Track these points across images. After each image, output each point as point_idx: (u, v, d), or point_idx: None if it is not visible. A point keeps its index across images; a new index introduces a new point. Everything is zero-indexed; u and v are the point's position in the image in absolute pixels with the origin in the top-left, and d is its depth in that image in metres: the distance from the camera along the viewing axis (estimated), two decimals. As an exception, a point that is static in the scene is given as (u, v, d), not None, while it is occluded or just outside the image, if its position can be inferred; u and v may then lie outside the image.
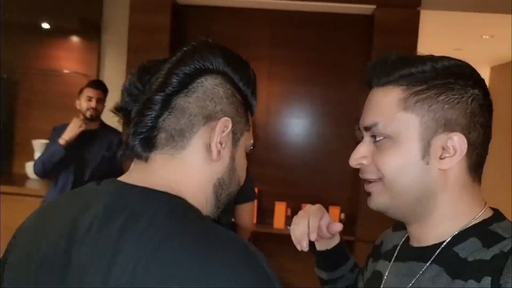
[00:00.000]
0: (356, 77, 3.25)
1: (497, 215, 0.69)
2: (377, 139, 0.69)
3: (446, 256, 0.66)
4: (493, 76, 5.14)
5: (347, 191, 3.29)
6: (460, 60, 0.69)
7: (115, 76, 3.36)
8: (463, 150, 0.65)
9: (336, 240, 0.97)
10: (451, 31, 3.48)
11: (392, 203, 0.69)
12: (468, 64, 0.69)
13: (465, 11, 2.96)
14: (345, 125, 3.32)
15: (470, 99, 0.65)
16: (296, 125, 3.36)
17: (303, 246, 0.87)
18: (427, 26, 3.08)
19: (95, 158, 2.94)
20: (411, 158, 0.66)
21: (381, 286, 0.75)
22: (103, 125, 3.02)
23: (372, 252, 0.89)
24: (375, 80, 0.71)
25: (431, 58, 0.68)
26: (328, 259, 0.98)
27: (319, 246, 0.97)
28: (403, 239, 0.76)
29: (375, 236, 2.98)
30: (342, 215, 3.19)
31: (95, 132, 2.95)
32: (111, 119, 3.16)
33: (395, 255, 0.75)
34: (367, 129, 0.70)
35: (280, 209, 3.24)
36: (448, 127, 0.65)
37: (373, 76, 0.71)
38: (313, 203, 0.94)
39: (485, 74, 5.23)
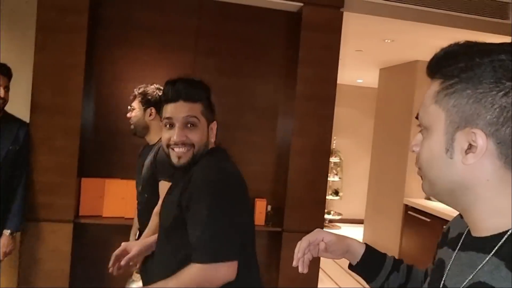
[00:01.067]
0: (281, 71, 3.34)
1: None
2: (422, 128, 0.73)
3: (506, 249, 0.64)
4: (381, 77, 5.70)
5: (271, 183, 3.36)
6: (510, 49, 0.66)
7: (15, 59, 2.93)
8: (482, 148, 0.64)
9: (361, 250, 1.05)
10: (357, 32, 3.76)
11: (433, 191, 0.72)
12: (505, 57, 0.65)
13: (381, 16, 3.22)
14: (268, 118, 3.38)
15: (502, 93, 0.63)
16: (220, 116, 3.30)
17: (300, 269, 1.01)
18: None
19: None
20: (436, 151, 0.69)
21: (444, 275, 0.75)
22: (6, 114, 2.63)
23: (440, 240, 0.88)
24: (431, 75, 0.73)
25: (483, 52, 0.65)
26: (364, 270, 1.05)
27: (352, 262, 1.06)
28: (467, 229, 0.76)
29: (301, 226, 3.12)
30: (269, 207, 3.25)
31: (-4, 123, 2.55)
32: (13, 107, 2.81)
33: (459, 244, 0.76)
34: (417, 119, 0.74)
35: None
36: (471, 122, 0.65)
37: (430, 70, 0.73)
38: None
39: (375, 75, 5.77)
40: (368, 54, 4.65)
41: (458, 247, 0.75)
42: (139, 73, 3.15)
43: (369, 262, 1.04)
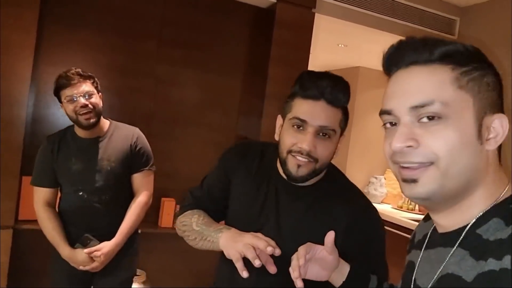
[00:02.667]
0: (248, 68, 3.20)
1: None
2: (428, 119, 0.65)
3: (470, 239, 0.65)
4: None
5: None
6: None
7: None
8: (505, 131, 0.66)
9: (346, 268, 1.02)
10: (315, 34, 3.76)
11: (442, 189, 0.66)
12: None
13: (348, 21, 3.24)
14: (232, 116, 3.23)
15: (499, 82, 0.69)
16: (183, 112, 3.08)
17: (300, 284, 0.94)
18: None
19: None
20: (467, 138, 0.64)
21: (414, 274, 0.75)
22: None
23: (408, 247, 0.88)
24: (413, 58, 0.68)
25: (454, 41, 0.68)
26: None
27: (336, 283, 1.02)
28: (431, 228, 0.76)
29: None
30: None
31: None
32: None
33: (425, 243, 0.76)
34: (414, 109, 0.66)
35: (169, 206, 2.93)
36: (494, 108, 0.67)
37: (409, 53, 0.68)
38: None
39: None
40: (317, 57, 4.69)
41: (425, 245, 0.75)
42: (94, 59, 2.79)
43: (356, 280, 1.01)
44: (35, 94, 2.64)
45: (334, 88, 1.13)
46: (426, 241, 0.76)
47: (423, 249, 0.75)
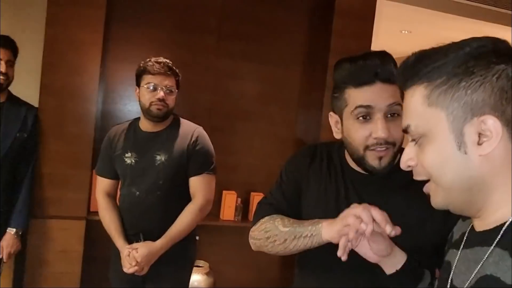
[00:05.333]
0: (307, 59, 3.15)
1: None
2: (415, 139, 0.70)
3: (508, 238, 0.63)
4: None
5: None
6: (484, 38, 0.66)
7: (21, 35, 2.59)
8: (498, 132, 0.62)
9: (402, 258, 0.95)
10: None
11: (449, 200, 0.69)
12: (493, 39, 0.66)
13: (414, 5, 3.08)
14: (291, 109, 3.19)
15: (495, 76, 0.63)
16: (242, 106, 3.09)
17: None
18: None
19: (4, 140, 2.22)
20: (447, 151, 0.65)
21: (451, 274, 0.74)
22: (11, 97, 2.31)
23: (446, 247, 0.87)
24: (402, 85, 0.72)
25: (455, 47, 0.66)
26: (403, 281, 0.95)
27: (388, 270, 0.95)
28: (469, 227, 0.75)
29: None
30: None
31: (1, 106, 2.23)
32: (20, 89, 2.48)
33: (463, 242, 0.75)
34: (405, 131, 0.72)
35: (230, 199, 2.96)
36: (477, 111, 0.63)
37: (400, 81, 0.73)
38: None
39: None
40: (379, 45, 4.52)
41: (462, 245, 0.74)
42: (157, 55, 2.86)
43: (410, 271, 0.96)
44: (103, 90, 2.77)
45: (384, 65, 1.05)
46: (464, 240, 0.74)
47: (461, 249, 0.74)
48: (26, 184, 2.30)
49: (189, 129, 1.99)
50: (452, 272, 0.74)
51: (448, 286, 0.74)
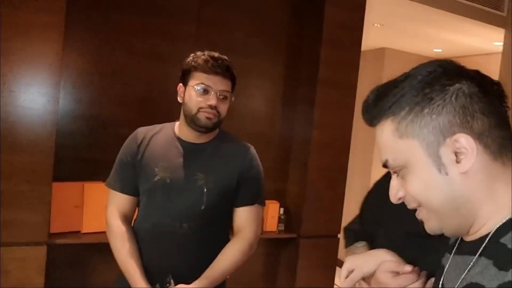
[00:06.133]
0: (293, 51, 2.87)
1: None
2: (397, 171, 0.72)
3: (493, 248, 0.65)
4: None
5: (283, 182, 2.89)
6: (431, 63, 0.68)
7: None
8: (472, 147, 0.64)
9: None
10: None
11: (442, 223, 0.70)
12: (440, 62, 0.68)
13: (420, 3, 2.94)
14: (277, 105, 2.90)
15: (454, 96, 0.65)
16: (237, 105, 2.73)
17: None
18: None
19: None
20: (429, 176, 0.67)
21: (442, 277, 0.76)
22: None
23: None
24: (369, 123, 0.74)
25: (407, 78, 0.69)
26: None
27: None
28: None
29: (318, 231, 2.75)
30: (281, 211, 2.79)
31: None
32: None
33: (455, 248, 0.77)
34: (384, 166, 0.73)
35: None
36: (447, 132, 0.65)
37: (366, 120, 0.74)
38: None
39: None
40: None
41: (454, 251, 0.76)
42: (128, 44, 2.43)
43: None
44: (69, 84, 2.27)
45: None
46: (456, 246, 0.77)
47: (452, 254, 0.76)
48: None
49: (240, 147, 1.60)
50: (443, 275, 0.76)
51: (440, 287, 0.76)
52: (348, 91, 2.78)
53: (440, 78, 0.66)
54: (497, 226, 0.66)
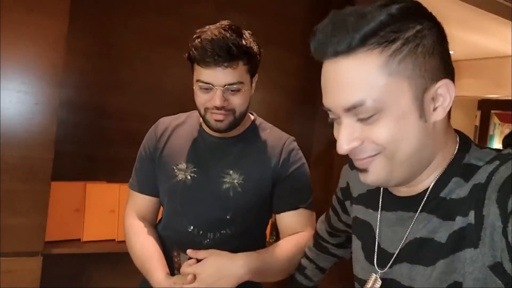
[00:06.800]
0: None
1: (463, 144, 0.68)
2: (365, 117, 0.61)
3: (434, 203, 0.65)
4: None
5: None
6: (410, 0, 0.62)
7: None
8: (452, 95, 0.62)
9: None
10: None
11: (394, 174, 0.65)
12: (417, 2, 0.63)
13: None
14: (306, 102, 2.64)
15: (440, 38, 0.62)
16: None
17: None
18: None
19: None
20: (410, 121, 0.61)
21: (376, 237, 0.73)
22: None
23: (343, 195, 0.90)
24: (332, 50, 0.61)
25: (382, 5, 0.59)
26: None
27: None
28: (376, 187, 0.76)
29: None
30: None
31: None
32: None
33: (380, 205, 0.74)
34: (348, 110, 0.62)
35: None
36: (435, 76, 0.62)
37: (325, 46, 0.61)
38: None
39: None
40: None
41: (380, 207, 0.74)
42: (139, 25, 2.15)
43: None
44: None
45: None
46: (381, 202, 0.74)
47: (380, 211, 0.74)
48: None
49: (277, 139, 1.29)
50: (377, 235, 0.73)
51: (376, 250, 0.73)
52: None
53: (423, 16, 0.61)
54: (436, 178, 0.65)
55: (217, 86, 1.13)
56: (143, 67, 2.19)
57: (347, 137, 0.63)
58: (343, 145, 0.64)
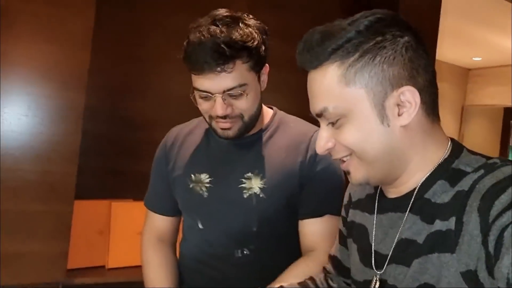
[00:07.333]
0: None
1: (455, 148, 0.69)
2: (333, 121, 0.68)
3: (419, 204, 0.67)
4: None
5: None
6: (379, 11, 0.66)
7: None
8: (417, 101, 0.65)
9: None
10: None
11: (370, 173, 0.69)
12: (389, 12, 0.67)
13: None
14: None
15: (404, 48, 0.65)
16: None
17: None
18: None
19: None
20: (371, 127, 0.65)
21: (372, 240, 0.75)
22: None
23: (346, 203, 0.89)
24: (308, 64, 0.68)
25: (353, 22, 0.65)
26: None
27: None
28: (374, 191, 0.78)
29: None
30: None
31: None
32: None
33: (376, 208, 0.76)
34: (319, 115, 0.69)
35: None
36: (395, 84, 0.64)
37: (304, 60, 0.68)
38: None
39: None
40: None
41: (376, 211, 0.76)
42: (169, 23, 1.93)
43: None
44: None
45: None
46: (376, 206, 0.76)
47: (375, 214, 0.76)
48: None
49: (301, 134, 1.10)
50: (372, 238, 0.75)
51: (373, 252, 0.74)
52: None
53: (391, 28, 0.65)
54: (421, 182, 0.68)
55: (216, 94, 0.96)
56: (174, 71, 1.97)
57: (323, 139, 0.70)
58: (318, 147, 0.70)
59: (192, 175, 1.10)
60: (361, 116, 0.65)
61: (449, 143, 0.70)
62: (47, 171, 1.48)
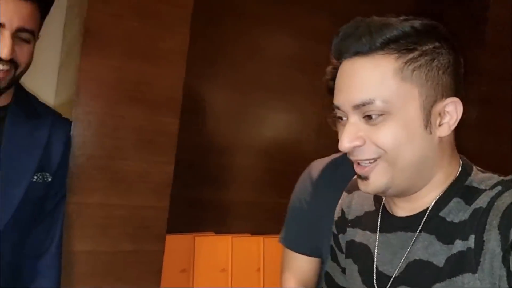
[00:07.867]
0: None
1: (466, 166, 0.68)
2: (371, 116, 0.63)
3: (434, 223, 0.65)
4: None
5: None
6: (429, 19, 0.65)
7: None
8: (459, 115, 0.64)
9: None
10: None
11: (395, 181, 0.65)
12: (438, 23, 0.66)
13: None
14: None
15: (456, 60, 0.65)
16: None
17: None
18: None
19: (8, 192, 1.03)
20: (414, 129, 0.63)
21: (375, 260, 0.71)
22: (23, 100, 1.12)
23: (338, 227, 0.85)
24: (356, 49, 0.64)
25: (406, 19, 0.64)
26: None
27: None
28: (380, 208, 0.74)
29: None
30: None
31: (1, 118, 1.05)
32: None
33: (378, 225, 0.72)
34: (356, 107, 0.64)
35: None
36: (446, 93, 0.64)
37: (352, 43, 0.64)
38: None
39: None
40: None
41: (379, 229, 0.72)
42: (251, 51, 1.78)
43: None
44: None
45: None
46: (379, 223, 0.72)
47: (378, 232, 0.72)
48: (49, 266, 1.12)
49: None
50: (375, 257, 0.71)
51: (375, 273, 0.71)
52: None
53: (447, 38, 0.65)
54: (437, 198, 0.66)
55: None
56: (256, 90, 1.81)
57: (351, 135, 0.64)
58: (345, 142, 0.64)
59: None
60: (408, 117, 0.62)
61: (460, 160, 0.69)
62: (137, 205, 1.32)
